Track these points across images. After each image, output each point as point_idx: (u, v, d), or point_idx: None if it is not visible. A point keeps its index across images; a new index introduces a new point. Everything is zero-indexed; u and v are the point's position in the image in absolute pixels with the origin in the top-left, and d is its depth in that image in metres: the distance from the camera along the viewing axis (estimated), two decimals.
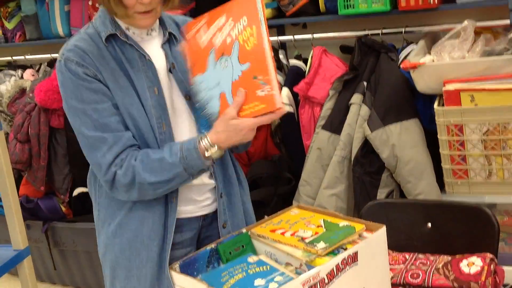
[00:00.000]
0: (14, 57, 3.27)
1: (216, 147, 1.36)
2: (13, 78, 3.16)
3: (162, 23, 1.50)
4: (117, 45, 1.43)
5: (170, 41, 1.49)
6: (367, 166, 2.26)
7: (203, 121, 1.42)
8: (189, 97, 1.46)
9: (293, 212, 1.43)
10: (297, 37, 2.66)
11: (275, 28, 2.79)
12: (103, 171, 1.40)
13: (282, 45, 2.77)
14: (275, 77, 1.30)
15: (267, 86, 1.30)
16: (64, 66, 1.40)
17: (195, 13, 2.77)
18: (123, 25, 1.44)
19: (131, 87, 1.41)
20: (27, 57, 3.22)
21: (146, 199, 1.43)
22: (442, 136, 2.07)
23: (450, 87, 2.02)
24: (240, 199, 1.59)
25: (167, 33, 1.48)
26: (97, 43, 1.42)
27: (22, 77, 3.15)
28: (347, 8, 2.41)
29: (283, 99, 2.49)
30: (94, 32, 1.43)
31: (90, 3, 2.94)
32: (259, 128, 1.48)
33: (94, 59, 1.39)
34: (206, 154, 1.36)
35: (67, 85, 1.40)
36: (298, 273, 1.20)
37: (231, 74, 1.34)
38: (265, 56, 1.29)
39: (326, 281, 1.17)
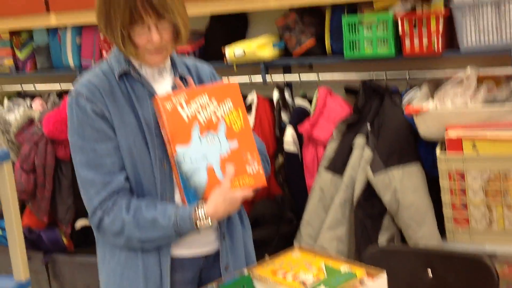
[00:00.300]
0: (24, 86, 3.31)
1: (209, 219, 1.41)
2: (22, 107, 3.20)
3: (173, 65, 1.55)
4: (128, 82, 1.48)
5: (180, 80, 1.54)
6: (369, 209, 2.27)
7: (190, 191, 1.46)
8: None
9: (294, 254, 1.45)
10: (303, 77, 2.70)
11: (282, 67, 2.83)
12: (89, 213, 1.46)
13: (288, 84, 2.81)
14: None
15: (255, 162, 1.47)
16: (75, 100, 1.45)
17: (204, 50, 2.83)
18: (136, 63, 1.49)
19: (137, 125, 1.45)
20: (36, 86, 3.26)
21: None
22: (444, 182, 2.08)
23: (452, 134, 2.05)
24: (242, 240, 1.61)
25: (178, 75, 1.54)
26: (110, 79, 1.47)
27: (31, 107, 3.19)
28: (353, 51, 2.46)
29: (287, 138, 2.54)
30: (108, 68, 1.49)
31: (101, 36, 3.00)
32: None
33: (104, 95, 1.44)
34: (198, 224, 1.41)
35: (73, 120, 1.45)
36: None
37: (219, 149, 1.45)
38: (251, 137, 1.50)
39: None
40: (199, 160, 1.43)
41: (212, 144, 1.45)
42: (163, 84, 1.52)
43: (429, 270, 1.73)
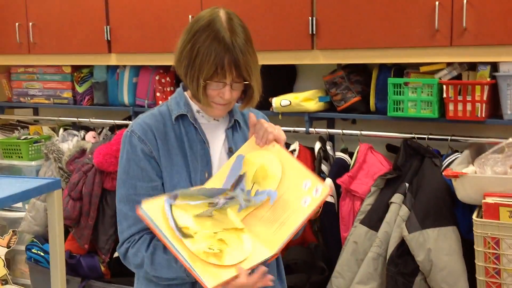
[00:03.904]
0: (80, 119, 3.49)
1: None
2: (75, 138, 3.36)
3: (230, 110, 1.61)
4: (183, 125, 1.55)
5: (234, 127, 1.61)
6: (401, 267, 2.28)
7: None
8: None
9: None
10: (345, 131, 2.77)
11: (326, 120, 2.92)
12: (119, 244, 1.53)
13: (330, 137, 2.89)
14: None
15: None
16: (128, 138, 1.54)
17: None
18: (194, 107, 1.57)
19: (184, 167, 1.52)
20: (91, 120, 3.43)
21: None
22: (479, 247, 2.09)
23: (490, 200, 2.07)
24: None
25: (233, 120, 1.61)
26: (166, 120, 1.55)
27: (84, 138, 3.34)
28: (397, 111, 2.52)
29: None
30: (167, 110, 1.57)
31: (157, 77, 3.15)
32: None
33: (156, 135, 1.52)
34: None
35: (123, 156, 1.54)
36: None
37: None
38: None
39: None
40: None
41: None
42: (217, 128, 1.59)
43: None
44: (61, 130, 3.52)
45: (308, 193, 1.41)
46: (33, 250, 3.15)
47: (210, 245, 1.35)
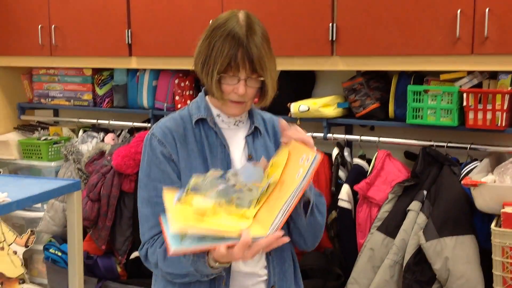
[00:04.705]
0: (99, 121, 3.52)
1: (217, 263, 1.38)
2: (95, 140, 3.40)
3: (251, 116, 1.62)
4: (203, 130, 1.56)
5: (254, 133, 1.61)
6: (418, 275, 2.27)
7: None
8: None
9: None
10: (363, 138, 2.76)
11: (344, 126, 2.92)
12: (140, 246, 1.55)
13: (348, 144, 2.89)
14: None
15: None
16: (149, 141, 1.56)
17: (270, 103, 2.95)
18: (215, 111, 1.58)
19: (203, 171, 1.52)
20: (111, 122, 3.47)
21: None
22: (496, 257, 2.08)
23: (509, 209, 2.05)
24: None
25: (253, 127, 1.60)
26: (186, 124, 1.57)
27: (103, 140, 3.38)
28: (416, 118, 2.52)
29: (342, 195, 2.59)
30: (187, 114, 1.59)
31: (176, 81, 3.18)
32: None
33: (176, 139, 1.54)
34: (211, 264, 1.37)
35: (144, 158, 1.56)
36: None
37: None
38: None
39: None
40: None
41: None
42: (237, 133, 1.59)
43: None
44: (81, 131, 3.56)
45: (301, 165, 1.37)
46: (50, 250, 3.18)
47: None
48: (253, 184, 1.42)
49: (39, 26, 3.43)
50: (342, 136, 2.82)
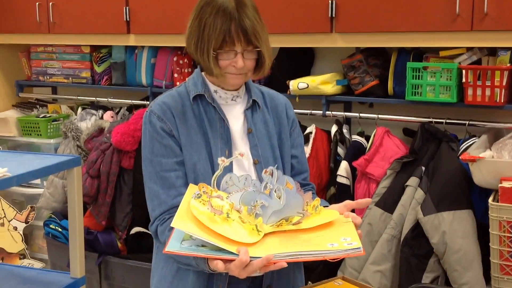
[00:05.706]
0: (98, 99, 3.52)
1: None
2: (93, 117, 3.40)
3: (248, 90, 1.63)
4: (202, 105, 1.57)
5: (253, 107, 1.62)
6: (415, 249, 2.30)
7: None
8: (258, 161, 1.58)
9: (337, 283, 1.49)
10: (362, 115, 2.78)
11: (343, 103, 2.93)
12: (150, 222, 1.55)
13: (347, 120, 2.90)
14: None
15: None
16: (148, 118, 1.57)
17: (269, 80, 2.95)
18: (212, 87, 1.59)
19: (203, 146, 1.54)
20: (109, 100, 3.47)
21: None
22: (494, 231, 2.10)
23: (506, 184, 2.08)
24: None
25: (251, 100, 1.61)
26: (184, 100, 1.57)
27: (102, 118, 3.38)
28: (415, 95, 2.53)
29: (341, 171, 2.60)
30: (185, 91, 1.60)
31: (175, 59, 3.17)
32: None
33: (175, 115, 1.55)
34: (211, 267, 1.34)
35: (146, 135, 1.57)
36: None
37: None
38: None
39: None
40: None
41: None
42: (235, 108, 1.60)
43: None
44: (80, 109, 3.56)
45: (340, 242, 1.30)
46: (51, 226, 3.21)
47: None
48: (285, 202, 1.36)
49: (37, 4, 3.40)
50: (341, 113, 2.83)
